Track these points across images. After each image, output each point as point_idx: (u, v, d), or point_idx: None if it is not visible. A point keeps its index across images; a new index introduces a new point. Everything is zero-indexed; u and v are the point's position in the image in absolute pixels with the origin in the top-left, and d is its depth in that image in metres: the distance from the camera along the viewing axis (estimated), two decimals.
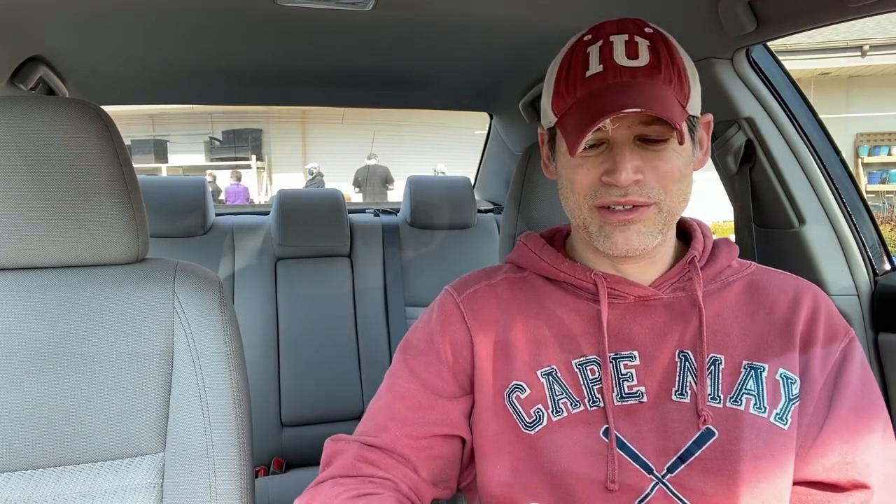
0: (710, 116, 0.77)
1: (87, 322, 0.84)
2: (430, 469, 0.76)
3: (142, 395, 0.85)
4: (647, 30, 0.69)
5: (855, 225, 1.22)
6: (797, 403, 0.69)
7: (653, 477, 0.68)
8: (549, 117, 0.75)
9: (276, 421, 1.91)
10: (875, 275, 1.22)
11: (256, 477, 1.79)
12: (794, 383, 0.70)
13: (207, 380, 0.86)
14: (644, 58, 0.67)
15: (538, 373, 0.73)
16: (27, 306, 0.83)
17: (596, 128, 0.65)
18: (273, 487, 1.67)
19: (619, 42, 0.68)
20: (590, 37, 0.70)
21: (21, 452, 0.81)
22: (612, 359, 0.72)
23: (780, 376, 0.70)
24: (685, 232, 0.81)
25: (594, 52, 0.68)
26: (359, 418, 0.81)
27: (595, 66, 0.68)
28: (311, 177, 9.75)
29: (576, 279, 0.76)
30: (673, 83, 0.67)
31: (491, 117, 2.38)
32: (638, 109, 0.63)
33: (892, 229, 7.39)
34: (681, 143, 0.66)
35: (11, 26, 1.16)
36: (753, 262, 0.80)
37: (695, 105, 0.71)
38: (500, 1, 1.14)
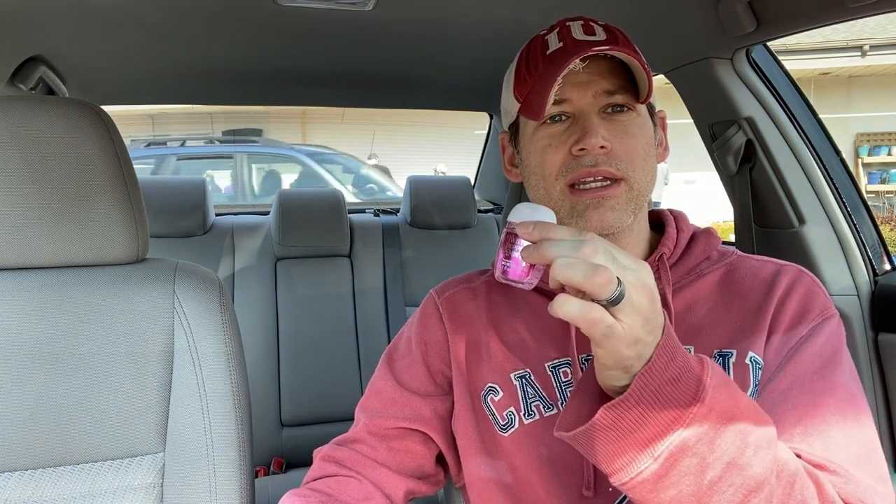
0: (664, 113, 0.78)
1: (87, 322, 0.84)
2: (401, 461, 0.77)
3: (142, 395, 0.84)
4: (600, 22, 0.73)
5: (855, 225, 1.22)
6: None
7: None
8: (511, 110, 0.76)
9: (276, 421, 1.91)
10: (875, 275, 1.22)
11: (256, 477, 1.79)
12: (761, 368, 0.67)
13: (207, 380, 0.86)
14: (601, 35, 0.70)
15: (512, 375, 0.74)
16: (27, 306, 0.83)
17: (566, 70, 0.66)
18: (273, 487, 1.66)
19: (575, 24, 0.71)
20: (546, 31, 0.73)
21: (21, 452, 0.81)
22: (584, 360, 0.72)
23: (750, 360, 0.67)
24: (663, 225, 0.79)
25: (552, 35, 0.71)
26: None
27: (555, 44, 0.70)
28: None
29: (544, 283, 0.74)
30: (631, 55, 0.68)
31: (491, 117, 2.38)
32: (605, 47, 0.65)
33: (892, 229, 7.38)
34: (648, 97, 0.67)
35: (11, 26, 1.16)
36: (736, 251, 0.77)
37: (652, 94, 0.71)
38: (500, 1, 1.14)
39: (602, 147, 0.67)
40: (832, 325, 0.69)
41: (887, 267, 1.24)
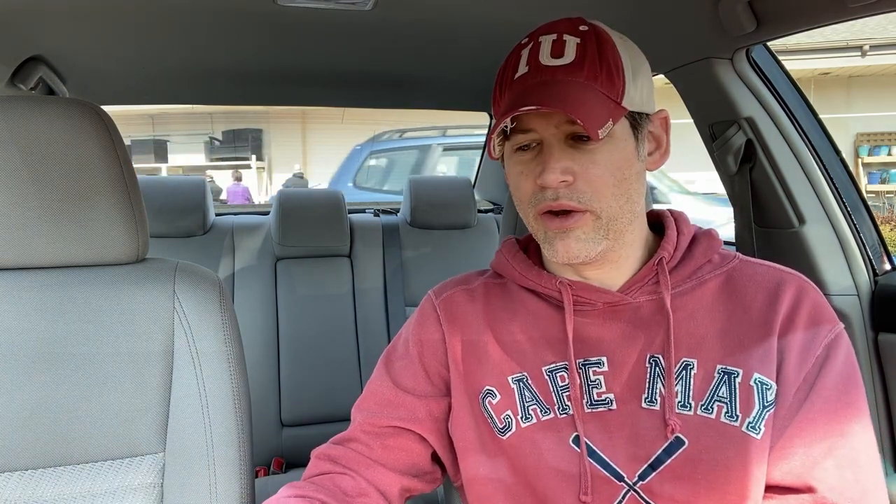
0: (665, 112, 0.74)
1: (87, 322, 0.84)
2: (396, 458, 0.77)
3: (142, 395, 0.85)
4: (582, 27, 0.68)
5: (855, 225, 1.22)
6: (772, 411, 0.66)
7: (624, 484, 0.68)
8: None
9: (276, 421, 1.91)
10: (875, 275, 1.22)
11: (256, 477, 1.79)
12: (769, 389, 0.67)
13: (207, 380, 0.86)
14: (569, 55, 0.66)
15: (509, 378, 0.73)
16: (27, 306, 0.83)
17: (500, 129, 0.66)
18: (273, 487, 1.66)
19: (546, 42, 0.68)
20: (526, 39, 0.71)
21: (21, 452, 0.81)
22: (581, 365, 0.71)
23: (755, 382, 0.67)
24: (663, 226, 0.77)
25: (525, 53, 0.69)
26: None
27: (522, 68, 0.68)
28: (290, 176, 9.90)
29: (542, 287, 0.75)
30: (599, 79, 0.65)
31: (491, 117, 2.38)
32: (534, 108, 0.62)
33: (892, 229, 7.38)
34: (595, 138, 0.63)
35: (11, 26, 1.16)
36: (738, 254, 0.76)
37: (638, 100, 0.68)
38: (501, 1, 1.14)
39: (563, 181, 0.66)
40: (844, 340, 0.69)
41: (887, 267, 1.24)
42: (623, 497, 0.67)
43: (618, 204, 0.68)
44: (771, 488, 0.67)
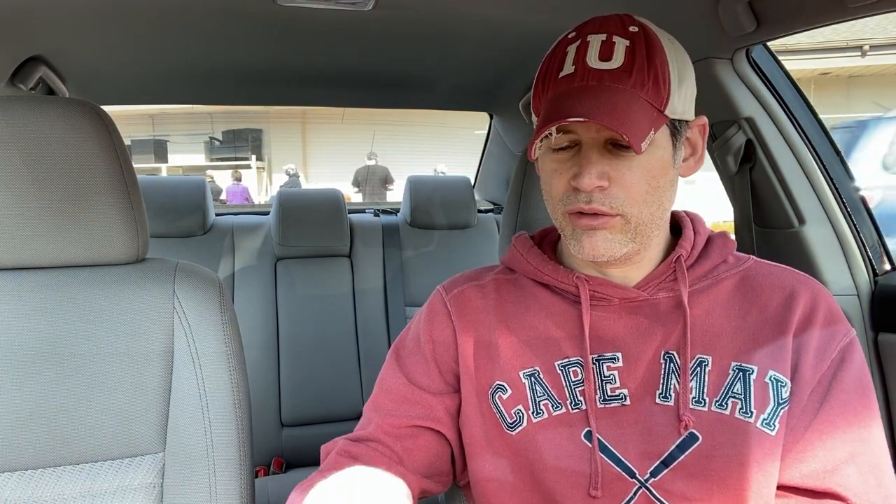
0: (704, 119, 0.73)
1: (87, 322, 0.84)
2: (416, 459, 0.76)
3: (142, 395, 0.85)
4: (631, 28, 0.67)
5: (855, 225, 1.23)
6: (786, 408, 0.67)
7: (636, 481, 0.67)
8: (534, 117, 0.75)
9: (276, 421, 1.91)
10: (875, 275, 1.22)
11: (256, 477, 1.79)
12: (784, 387, 0.67)
13: (207, 380, 0.86)
14: (617, 59, 0.65)
15: (521, 373, 0.73)
16: (27, 306, 0.83)
17: (544, 135, 0.65)
18: (273, 487, 1.66)
19: (595, 42, 0.66)
20: (573, 34, 0.69)
21: (21, 452, 0.81)
22: (596, 360, 0.71)
23: (770, 379, 0.67)
24: (680, 227, 0.78)
25: (571, 51, 0.67)
26: (358, 418, 0.82)
27: (568, 68, 0.66)
28: (287, 177, 9.90)
29: (559, 282, 0.75)
30: (645, 87, 0.65)
31: (491, 117, 2.38)
32: (582, 119, 0.61)
33: None
34: (638, 152, 0.62)
35: (11, 26, 1.16)
36: (752, 257, 0.77)
37: (680, 108, 0.68)
38: (500, 1, 1.14)
39: (599, 186, 0.66)
40: (858, 345, 0.70)
41: (887, 267, 1.24)
42: (634, 494, 0.67)
43: (649, 210, 0.68)
44: (790, 489, 0.67)
